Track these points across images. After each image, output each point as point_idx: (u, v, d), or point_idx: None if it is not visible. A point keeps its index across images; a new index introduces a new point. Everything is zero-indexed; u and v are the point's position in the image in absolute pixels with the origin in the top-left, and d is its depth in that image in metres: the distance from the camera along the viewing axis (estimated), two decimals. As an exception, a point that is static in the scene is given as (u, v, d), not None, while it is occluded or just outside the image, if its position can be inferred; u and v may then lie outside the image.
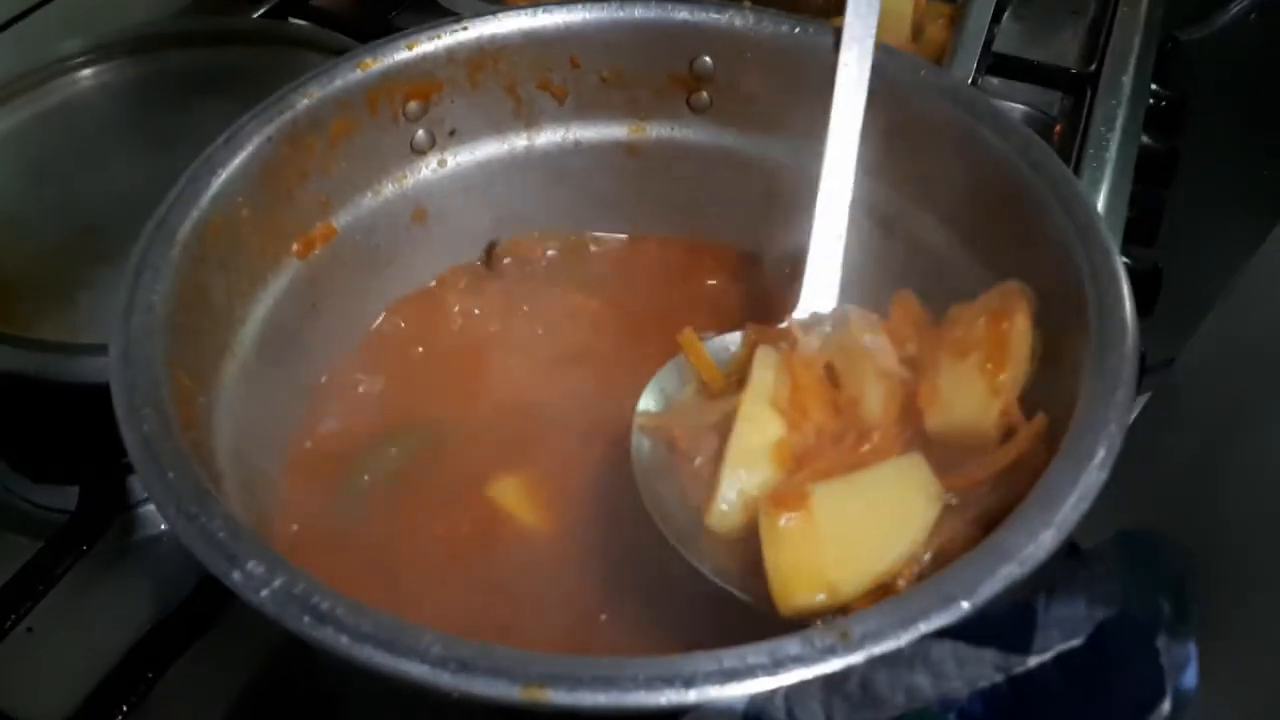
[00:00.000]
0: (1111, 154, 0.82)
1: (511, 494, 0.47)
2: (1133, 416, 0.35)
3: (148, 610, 0.53)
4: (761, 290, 0.55)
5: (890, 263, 0.50)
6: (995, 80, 0.88)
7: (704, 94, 0.53)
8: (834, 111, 0.47)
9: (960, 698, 0.26)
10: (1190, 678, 0.28)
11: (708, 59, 0.52)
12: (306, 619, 0.28)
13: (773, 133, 0.53)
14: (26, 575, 0.51)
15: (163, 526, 0.57)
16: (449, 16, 0.50)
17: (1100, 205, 0.77)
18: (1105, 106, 0.85)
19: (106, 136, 0.72)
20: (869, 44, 0.46)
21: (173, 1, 0.87)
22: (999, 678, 0.26)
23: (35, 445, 0.60)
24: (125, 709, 0.47)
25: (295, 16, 0.87)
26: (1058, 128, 0.88)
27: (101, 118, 0.73)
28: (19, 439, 0.60)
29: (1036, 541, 0.30)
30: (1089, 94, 0.86)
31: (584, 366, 0.53)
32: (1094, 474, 0.32)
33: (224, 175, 0.42)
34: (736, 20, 0.50)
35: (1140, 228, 0.85)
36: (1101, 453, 0.33)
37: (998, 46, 0.91)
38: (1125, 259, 0.79)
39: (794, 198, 0.52)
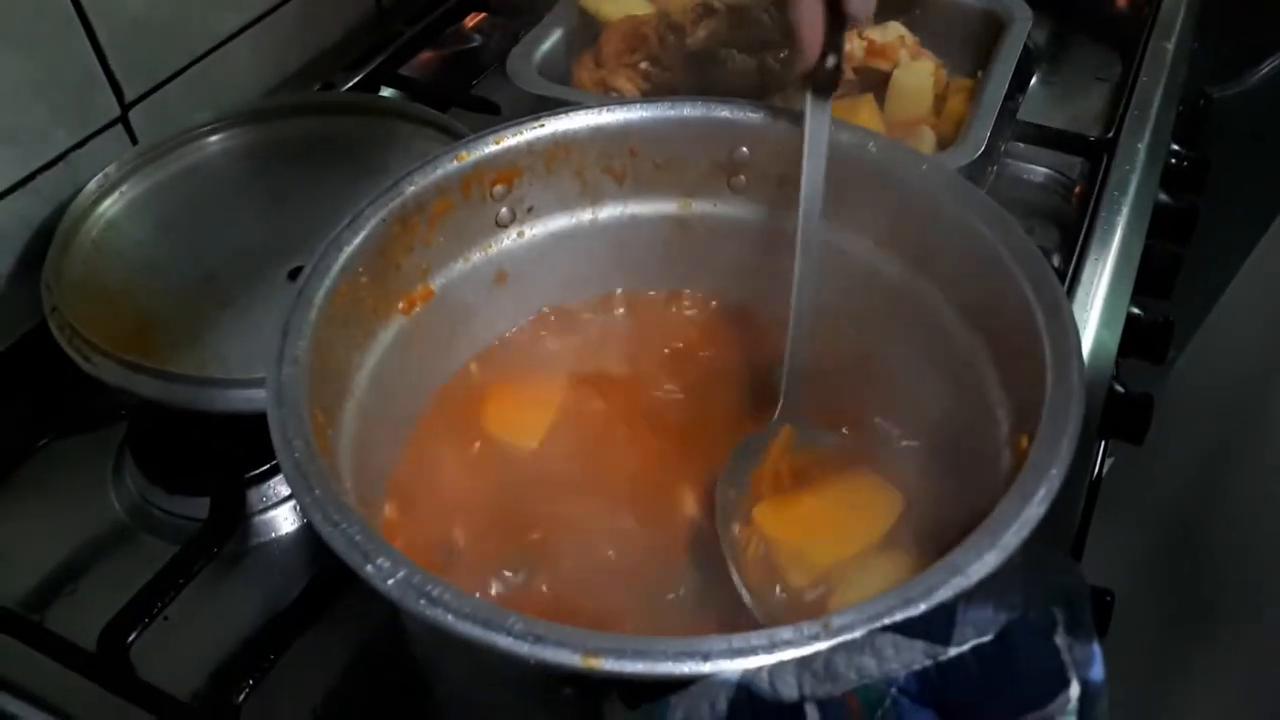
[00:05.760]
0: (1123, 215, 0.89)
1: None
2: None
3: (266, 602, 0.61)
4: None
5: (901, 316, 0.59)
6: (1021, 145, 0.95)
7: (742, 177, 0.62)
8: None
9: (898, 676, 0.34)
10: (1097, 672, 0.37)
11: (745, 149, 0.61)
12: (422, 602, 0.37)
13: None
14: (169, 573, 0.59)
15: (273, 534, 0.67)
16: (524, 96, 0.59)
17: (1110, 260, 0.85)
18: (1119, 171, 0.92)
19: (227, 195, 0.83)
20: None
21: (279, 73, 0.99)
22: (928, 663, 0.35)
23: (171, 462, 0.69)
24: (251, 683, 0.56)
25: (387, 85, 0.99)
26: (1077, 189, 0.96)
27: (223, 179, 0.84)
28: (157, 457, 0.69)
29: (981, 560, 0.39)
30: (1105, 159, 0.93)
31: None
32: (1034, 509, 0.40)
33: (347, 251, 0.52)
34: (767, 118, 0.60)
35: (1157, 280, 0.92)
36: (1042, 492, 0.41)
37: (1025, 112, 0.98)
38: (1138, 310, 0.86)
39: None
